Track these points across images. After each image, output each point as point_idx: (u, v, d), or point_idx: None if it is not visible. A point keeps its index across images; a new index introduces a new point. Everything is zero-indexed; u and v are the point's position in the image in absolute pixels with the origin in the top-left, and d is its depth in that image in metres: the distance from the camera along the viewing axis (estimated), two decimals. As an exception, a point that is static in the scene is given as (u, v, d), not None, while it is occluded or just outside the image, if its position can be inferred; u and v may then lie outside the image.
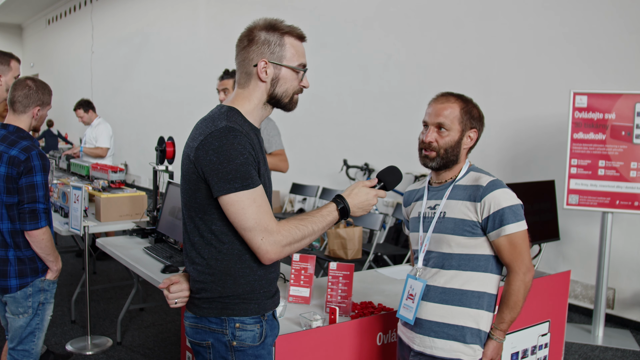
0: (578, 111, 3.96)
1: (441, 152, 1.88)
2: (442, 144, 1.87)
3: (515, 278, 1.83)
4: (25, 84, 2.54)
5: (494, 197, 1.80)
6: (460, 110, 1.88)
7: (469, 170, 1.93)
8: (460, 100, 1.91)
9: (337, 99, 6.84)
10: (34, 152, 2.45)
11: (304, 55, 1.68)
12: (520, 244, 1.81)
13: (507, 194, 1.82)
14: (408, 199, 2.10)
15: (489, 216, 1.80)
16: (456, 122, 1.87)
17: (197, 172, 1.55)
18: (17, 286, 2.50)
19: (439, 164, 1.89)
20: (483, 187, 1.83)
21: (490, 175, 1.88)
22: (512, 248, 1.81)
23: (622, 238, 4.32)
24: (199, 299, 1.64)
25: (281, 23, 1.63)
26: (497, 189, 1.82)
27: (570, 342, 3.96)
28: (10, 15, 16.16)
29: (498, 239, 1.81)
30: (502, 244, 1.81)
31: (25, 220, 2.42)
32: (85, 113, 5.84)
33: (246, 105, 1.64)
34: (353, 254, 4.38)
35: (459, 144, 1.89)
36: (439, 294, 1.85)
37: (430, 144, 1.88)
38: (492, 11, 5.15)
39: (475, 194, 1.83)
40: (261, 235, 1.54)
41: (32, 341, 2.59)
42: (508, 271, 1.86)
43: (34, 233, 2.44)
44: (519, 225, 1.80)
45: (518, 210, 1.81)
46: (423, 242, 1.92)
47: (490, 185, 1.82)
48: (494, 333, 1.87)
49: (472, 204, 1.83)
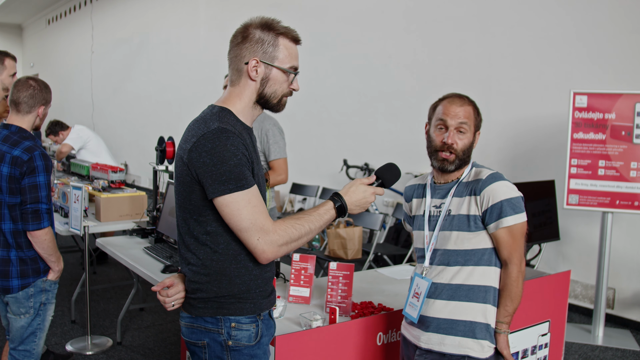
0: (578, 111, 3.96)
1: (460, 155, 1.89)
2: (461, 147, 1.89)
3: (513, 269, 1.85)
4: (29, 85, 2.55)
5: (492, 190, 1.82)
6: (473, 112, 1.91)
7: (471, 167, 1.95)
8: (472, 102, 1.94)
9: (337, 99, 6.84)
10: (37, 152, 2.45)
11: (297, 58, 1.66)
12: (519, 236, 1.83)
13: (506, 186, 1.83)
14: (409, 194, 2.09)
15: (488, 208, 1.82)
16: (472, 123, 1.90)
17: (191, 174, 1.55)
18: (19, 287, 2.50)
19: (456, 167, 1.90)
20: (482, 180, 1.85)
21: (489, 169, 1.90)
22: (512, 240, 1.83)
23: (622, 238, 4.32)
24: (195, 299, 1.63)
25: (277, 23, 1.62)
26: (496, 181, 1.83)
27: (570, 342, 3.96)
28: (10, 15, 16.15)
29: (497, 231, 1.82)
30: (500, 236, 1.83)
31: (28, 220, 2.42)
32: (56, 136, 5.84)
33: (238, 105, 1.64)
34: (353, 254, 4.38)
35: (472, 145, 1.92)
36: (446, 291, 1.86)
37: (452, 145, 1.87)
38: (492, 11, 5.15)
39: (475, 188, 1.85)
40: (257, 236, 1.54)
41: (34, 341, 2.59)
42: (506, 263, 1.87)
43: (37, 233, 2.44)
44: (518, 217, 1.81)
45: (518, 202, 1.82)
46: (430, 241, 1.92)
47: (490, 178, 1.84)
48: (501, 327, 1.88)
49: (473, 197, 1.85)
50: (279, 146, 3.26)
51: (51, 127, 5.85)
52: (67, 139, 5.73)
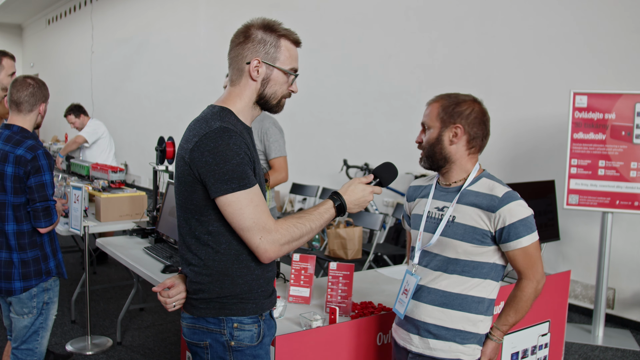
0: (578, 111, 3.96)
1: (425, 151, 1.90)
2: (425, 143, 1.90)
3: (528, 285, 1.83)
4: (28, 83, 2.55)
5: (510, 210, 1.78)
6: (439, 107, 1.88)
7: (482, 176, 1.90)
8: (445, 99, 1.89)
9: (337, 99, 6.84)
10: (40, 151, 2.46)
11: (297, 60, 1.68)
12: (534, 254, 1.81)
13: (521, 206, 1.81)
14: (413, 194, 2.08)
15: (504, 228, 1.78)
16: (435, 119, 1.88)
17: (193, 174, 1.55)
18: (22, 289, 2.51)
19: (426, 163, 1.92)
20: (499, 198, 1.80)
21: (504, 185, 1.86)
22: (527, 258, 1.81)
23: (622, 238, 4.32)
24: (197, 300, 1.63)
25: (279, 25, 1.64)
26: (512, 201, 1.80)
27: (570, 342, 3.96)
28: (10, 15, 16.15)
29: (513, 250, 1.81)
30: (517, 255, 1.81)
31: (40, 218, 2.49)
32: (76, 118, 5.82)
33: (238, 104, 1.64)
34: (353, 254, 4.38)
35: (439, 140, 1.87)
36: (439, 297, 1.85)
37: (419, 144, 1.92)
38: (492, 11, 5.15)
39: (490, 205, 1.81)
40: (259, 235, 1.54)
41: (36, 340, 2.59)
42: (521, 277, 1.85)
43: (49, 228, 2.55)
44: (533, 236, 1.81)
45: (532, 221, 1.82)
46: (421, 239, 1.92)
47: (506, 197, 1.80)
48: (494, 333, 1.87)
49: (485, 213, 1.81)
50: (278, 145, 3.26)
51: (73, 108, 5.83)
52: (83, 131, 5.72)
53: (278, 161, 3.26)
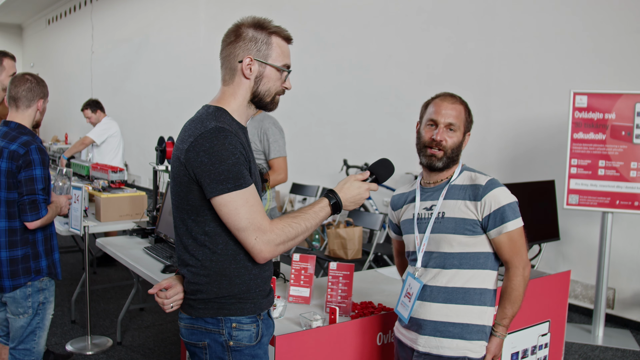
0: (578, 111, 3.96)
1: (448, 152, 1.90)
2: (450, 144, 1.90)
3: (516, 273, 1.86)
4: (25, 79, 2.55)
5: (494, 196, 1.84)
6: (464, 111, 1.93)
7: (462, 169, 1.96)
8: (464, 103, 1.95)
9: (337, 99, 6.84)
10: (33, 146, 2.45)
11: (289, 56, 1.69)
12: (518, 240, 1.86)
13: (505, 192, 1.86)
14: (398, 202, 2.10)
15: (490, 214, 1.83)
16: (461, 123, 1.91)
17: (189, 174, 1.55)
18: (11, 287, 2.49)
19: (444, 164, 1.91)
20: (482, 186, 1.86)
21: (484, 175, 1.92)
22: (512, 244, 1.85)
23: (622, 238, 4.32)
24: (195, 300, 1.63)
25: (269, 22, 1.64)
26: (495, 187, 1.86)
27: (570, 342, 3.96)
28: (10, 15, 16.15)
29: (498, 236, 1.84)
30: (502, 241, 1.85)
31: (27, 211, 2.43)
32: (92, 113, 5.81)
33: (232, 104, 1.64)
34: (353, 254, 4.38)
35: (461, 145, 1.93)
36: (442, 294, 1.86)
37: (441, 142, 1.89)
38: (492, 11, 5.15)
39: (475, 193, 1.86)
40: (255, 235, 1.54)
41: (33, 340, 2.59)
42: (507, 267, 1.88)
43: (36, 223, 2.47)
44: (517, 222, 1.85)
45: (515, 207, 1.86)
46: (421, 242, 1.92)
47: (490, 184, 1.86)
48: (497, 329, 1.89)
49: (472, 203, 1.86)
50: (278, 145, 3.25)
51: (90, 103, 5.81)
52: (92, 132, 5.69)
53: (278, 161, 3.25)
